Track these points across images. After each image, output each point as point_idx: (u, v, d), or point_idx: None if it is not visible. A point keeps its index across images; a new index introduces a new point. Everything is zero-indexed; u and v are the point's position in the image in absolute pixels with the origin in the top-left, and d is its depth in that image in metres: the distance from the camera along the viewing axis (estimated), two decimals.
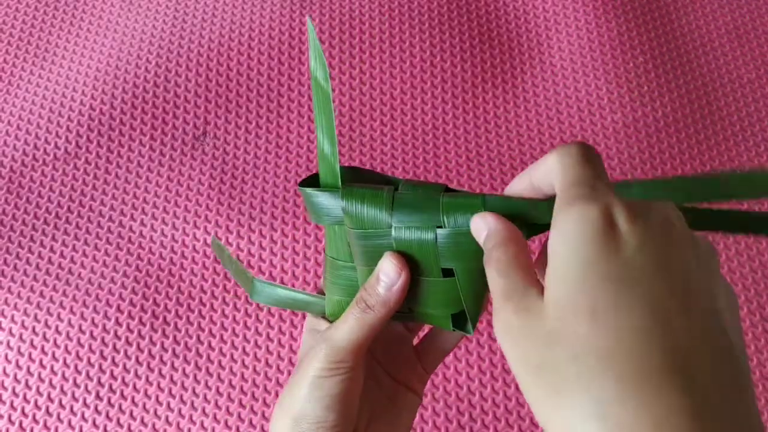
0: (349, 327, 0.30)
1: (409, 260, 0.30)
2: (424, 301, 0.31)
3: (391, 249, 0.30)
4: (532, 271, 0.24)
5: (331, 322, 0.33)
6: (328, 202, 0.31)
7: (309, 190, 0.31)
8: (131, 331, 0.57)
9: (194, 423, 0.54)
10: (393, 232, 0.29)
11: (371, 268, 0.31)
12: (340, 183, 0.30)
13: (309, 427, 0.30)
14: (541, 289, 0.23)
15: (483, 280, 0.28)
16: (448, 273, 0.30)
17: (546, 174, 0.25)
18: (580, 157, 0.24)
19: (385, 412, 0.34)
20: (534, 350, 0.21)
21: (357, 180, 0.32)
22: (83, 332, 0.57)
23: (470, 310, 0.30)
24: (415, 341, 0.37)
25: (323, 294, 0.34)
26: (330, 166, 0.31)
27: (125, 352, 0.57)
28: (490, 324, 0.58)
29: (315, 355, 0.30)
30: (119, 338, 0.57)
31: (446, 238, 0.29)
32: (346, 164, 0.65)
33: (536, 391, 0.21)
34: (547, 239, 0.24)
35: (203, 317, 0.58)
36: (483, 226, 0.27)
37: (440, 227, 0.29)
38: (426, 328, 0.36)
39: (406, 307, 0.31)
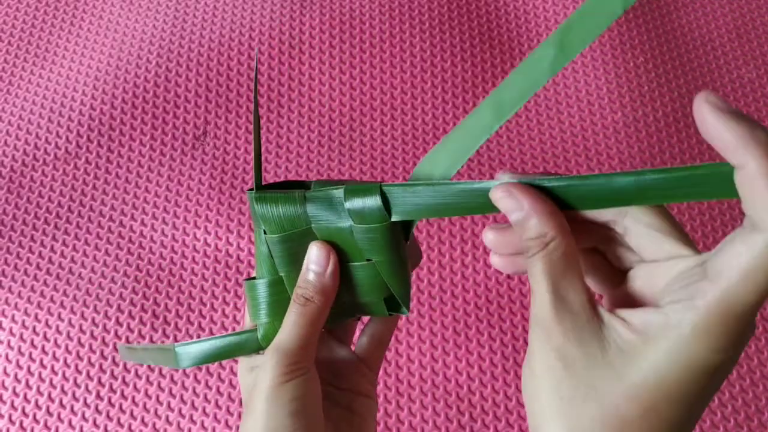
0: (293, 326, 0.30)
1: (335, 248, 0.30)
2: (356, 290, 0.31)
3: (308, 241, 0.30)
4: (586, 287, 0.22)
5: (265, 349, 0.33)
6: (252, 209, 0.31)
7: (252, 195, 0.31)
8: (131, 331, 0.57)
9: (194, 422, 0.54)
10: (313, 226, 0.30)
11: (298, 268, 0.31)
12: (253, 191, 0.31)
13: None
14: (599, 322, 0.22)
15: (404, 266, 0.29)
16: None
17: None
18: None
19: (349, 424, 0.33)
20: (584, 386, 0.21)
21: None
22: (83, 332, 0.57)
23: (398, 294, 0.30)
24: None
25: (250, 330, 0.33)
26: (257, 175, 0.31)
27: None
28: (490, 325, 0.58)
29: (266, 370, 0.30)
30: (120, 338, 0.57)
31: (360, 233, 0.29)
32: (346, 164, 0.65)
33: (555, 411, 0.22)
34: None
35: (203, 317, 0.58)
36: (514, 206, 0.24)
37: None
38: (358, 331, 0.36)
39: (342, 300, 0.31)
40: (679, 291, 0.21)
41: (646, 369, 0.20)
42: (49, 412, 0.55)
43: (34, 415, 0.55)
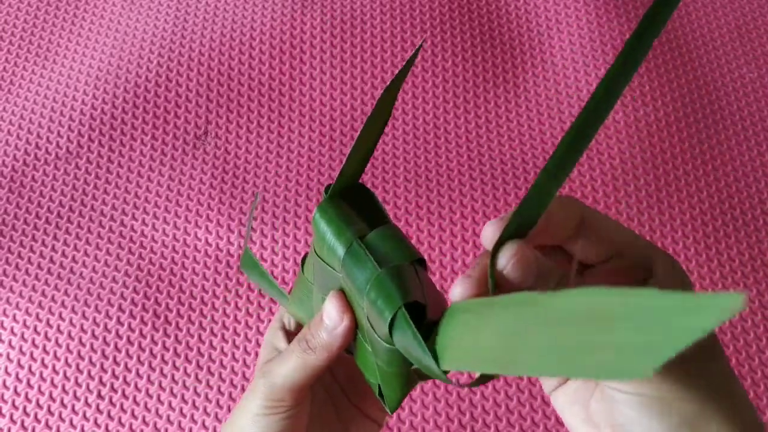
0: (288, 368, 0.29)
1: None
2: (356, 354, 0.29)
3: (339, 287, 0.28)
4: None
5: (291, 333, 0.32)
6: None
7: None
8: (133, 331, 0.57)
9: (195, 422, 0.55)
10: (340, 276, 0.27)
11: (323, 297, 0.29)
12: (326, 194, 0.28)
13: None
14: None
15: (404, 380, 0.26)
16: None
17: (565, 221, 0.25)
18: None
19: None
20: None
21: (355, 198, 0.29)
22: (85, 331, 0.57)
23: (387, 396, 0.28)
24: None
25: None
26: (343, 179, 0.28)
27: (127, 351, 0.57)
28: None
29: (254, 391, 0.30)
30: (121, 337, 0.57)
31: (378, 344, 0.26)
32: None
33: None
34: None
35: (205, 316, 0.58)
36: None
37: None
38: None
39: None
40: None
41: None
42: (50, 412, 0.55)
43: (36, 415, 0.55)
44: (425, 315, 0.25)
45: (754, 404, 0.56)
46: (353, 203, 0.29)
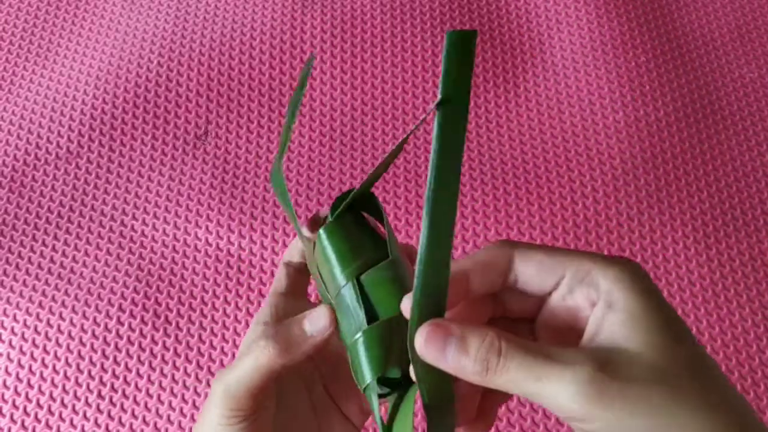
0: (242, 371, 0.28)
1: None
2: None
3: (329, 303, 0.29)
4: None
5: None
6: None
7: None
8: (133, 331, 0.57)
9: (195, 422, 0.54)
10: (329, 296, 0.28)
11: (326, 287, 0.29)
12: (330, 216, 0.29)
13: None
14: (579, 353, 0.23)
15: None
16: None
17: (494, 265, 0.25)
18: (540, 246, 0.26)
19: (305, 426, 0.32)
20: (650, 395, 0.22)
21: (360, 204, 0.30)
22: (85, 331, 0.57)
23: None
24: None
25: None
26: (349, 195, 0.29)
27: (127, 351, 0.57)
28: None
29: (211, 399, 0.28)
30: (121, 337, 0.57)
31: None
32: (347, 164, 0.65)
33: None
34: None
35: (205, 317, 0.58)
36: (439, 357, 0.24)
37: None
38: None
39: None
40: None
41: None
42: (50, 412, 0.55)
43: (36, 415, 0.55)
44: (401, 380, 0.28)
45: (754, 405, 0.56)
46: (356, 215, 0.30)
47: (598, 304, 0.24)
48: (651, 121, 0.68)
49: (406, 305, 0.25)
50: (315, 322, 0.28)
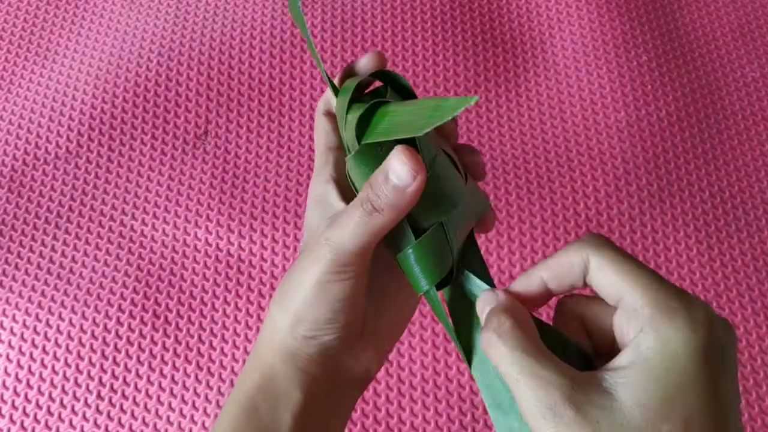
0: (353, 231, 0.27)
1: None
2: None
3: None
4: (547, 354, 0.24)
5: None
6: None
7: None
8: (132, 331, 0.57)
9: (195, 423, 0.54)
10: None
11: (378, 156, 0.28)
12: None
13: (314, 327, 0.28)
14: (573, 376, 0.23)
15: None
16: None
17: (570, 270, 0.25)
18: (625, 255, 0.25)
19: (392, 301, 0.32)
20: None
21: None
22: (84, 332, 0.57)
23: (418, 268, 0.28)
24: None
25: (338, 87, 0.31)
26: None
27: (126, 351, 0.57)
28: None
29: (317, 259, 0.28)
30: (120, 338, 0.57)
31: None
32: None
33: None
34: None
35: (204, 317, 0.58)
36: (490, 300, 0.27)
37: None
38: None
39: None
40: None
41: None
42: (49, 412, 0.55)
43: (35, 415, 0.55)
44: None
45: (756, 405, 0.56)
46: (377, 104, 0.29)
47: (631, 343, 0.23)
48: (653, 121, 0.68)
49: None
50: (399, 174, 0.26)
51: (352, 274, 0.28)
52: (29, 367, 0.56)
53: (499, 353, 0.24)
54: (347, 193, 0.30)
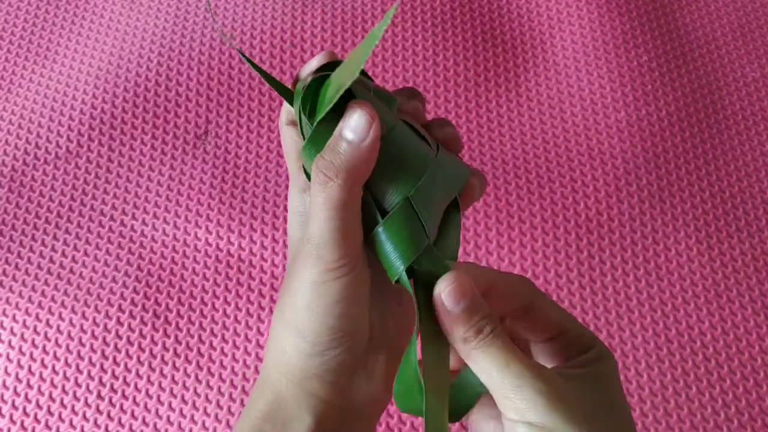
0: (319, 217, 0.25)
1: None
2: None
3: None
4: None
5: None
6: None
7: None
8: (132, 331, 0.57)
9: (195, 423, 0.54)
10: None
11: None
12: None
13: (317, 340, 0.26)
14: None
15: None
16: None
17: (522, 294, 0.29)
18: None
19: (396, 298, 0.30)
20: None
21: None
22: (85, 332, 0.57)
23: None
24: None
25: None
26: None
27: (127, 351, 0.57)
28: None
29: (304, 261, 0.26)
30: (120, 338, 0.57)
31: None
32: None
33: None
34: None
35: (205, 317, 0.58)
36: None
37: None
38: None
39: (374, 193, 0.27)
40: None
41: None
42: (50, 412, 0.55)
43: (35, 415, 0.55)
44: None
45: (756, 405, 0.56)
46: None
47: (583, 356, 0.28)
48: (653, 121, 0.67)
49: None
50: (355, 127, 0.25)
51: (345, 270, 0.25)
52: (29, 367, 0.56)
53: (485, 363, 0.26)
54: None
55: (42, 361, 0.56)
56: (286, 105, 0.31)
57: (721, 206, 0.64)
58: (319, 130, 0.26)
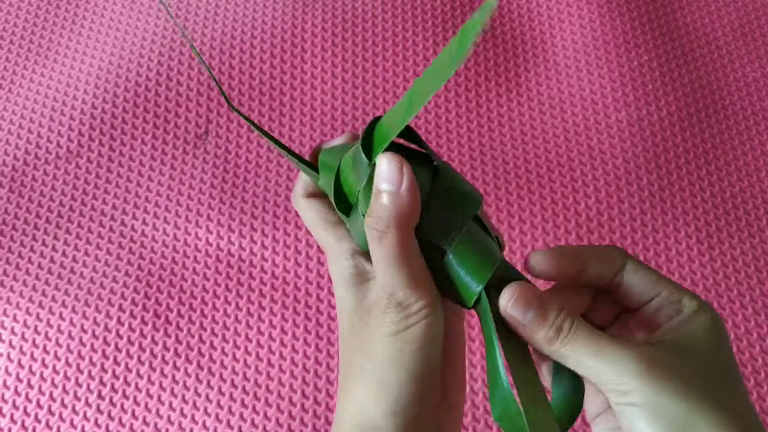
0: (383, 266, 0.26)
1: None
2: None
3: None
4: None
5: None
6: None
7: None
8: (133, 331, 0.57)
9: (196, 422, 0.54)
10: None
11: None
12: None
13: (406, 390, 0.26)
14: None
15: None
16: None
17: (611, 260, 0.29)
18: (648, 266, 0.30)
19: (459, 347, 0.29)
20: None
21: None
22: (85, 331, 0.57)
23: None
24: None
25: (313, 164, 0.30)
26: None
27: (127, 351, 0.57)
28: None
29: (380, 315, 0.26)
30: (121, 337, 0.57)
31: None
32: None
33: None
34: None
35: (205, 317, 0.58)
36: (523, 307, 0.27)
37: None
38: None
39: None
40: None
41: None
42: (50, 412, 0.55)
43: (36, 415, 0.55)
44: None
45: (757, 405, 0.56)
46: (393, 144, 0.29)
47: (675, 318, 0.27)
48: (653, 120, 0.67)
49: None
50: (388, 177, 0.25)
51: (426, 312, 0.26)
52: (30, 367, 0.56)
53: (573, 347, 0.26)
54: None
55: (43, 360, 0.56)
56: (302, 177, 0.31)
57: (722, 206, 0.64)
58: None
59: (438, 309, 0.27)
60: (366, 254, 0.29)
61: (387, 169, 0.25)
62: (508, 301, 0.26)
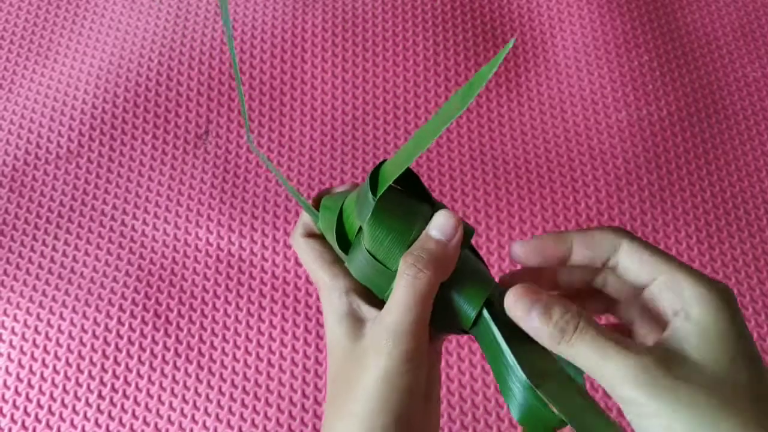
0: (405, 305, 0.26)
1: None
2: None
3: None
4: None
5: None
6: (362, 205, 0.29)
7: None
8: (134, 331, 0.57)
9: (196, 422, 0.54)
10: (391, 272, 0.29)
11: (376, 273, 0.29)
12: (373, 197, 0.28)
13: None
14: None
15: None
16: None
17: (602, 244, 0.28)
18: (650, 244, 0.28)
19: (437, 381, 0.31)
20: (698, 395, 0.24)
21: (403, 185, 0.31)
22: (86, 331, 0.57)
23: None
24: None
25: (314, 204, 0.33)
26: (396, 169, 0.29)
27: (128, 351, 0.57)
28: None
29: (378, 354, 0.27)
30: (121, 337, 0.57)
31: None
32: (349, 164, 0.65)
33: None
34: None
35: (205, 316, 0.58)
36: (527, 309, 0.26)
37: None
38: None
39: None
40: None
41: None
42: (50, 412, 0.55)
43: (36, 415, 0.55)
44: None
45: None
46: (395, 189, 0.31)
47: (679, 314, 0.26)
48: (654, 120, 0.67)
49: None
50: (440, 228, 0.28)
51: (419, 361, 0.27)
52: (30, 367, 0.56)
53: (581, 346, 0.25)
54: (371, 301, 0.30)
55: (43, 360, 0.56)
56: (302, 219, 0.33)
57: (722, 205, 0.64)
58: (375, 221, 0.29)
59: (425, 357, 0.28)
60: (361, 291, 0.30)
61: (444, 222, 0.28)
62: (511, 303, 0.26)
